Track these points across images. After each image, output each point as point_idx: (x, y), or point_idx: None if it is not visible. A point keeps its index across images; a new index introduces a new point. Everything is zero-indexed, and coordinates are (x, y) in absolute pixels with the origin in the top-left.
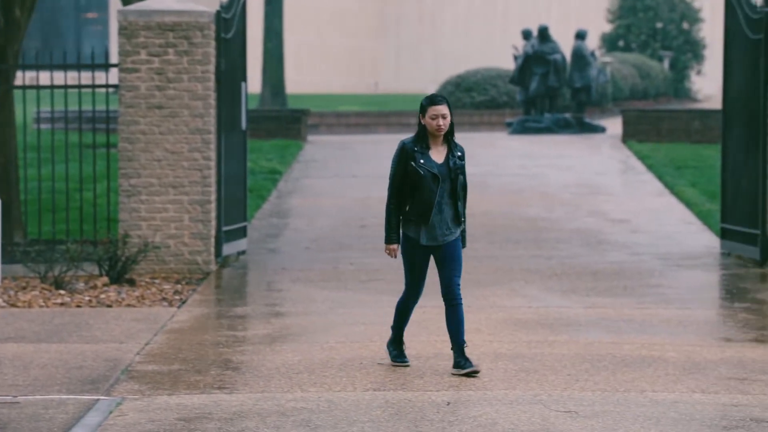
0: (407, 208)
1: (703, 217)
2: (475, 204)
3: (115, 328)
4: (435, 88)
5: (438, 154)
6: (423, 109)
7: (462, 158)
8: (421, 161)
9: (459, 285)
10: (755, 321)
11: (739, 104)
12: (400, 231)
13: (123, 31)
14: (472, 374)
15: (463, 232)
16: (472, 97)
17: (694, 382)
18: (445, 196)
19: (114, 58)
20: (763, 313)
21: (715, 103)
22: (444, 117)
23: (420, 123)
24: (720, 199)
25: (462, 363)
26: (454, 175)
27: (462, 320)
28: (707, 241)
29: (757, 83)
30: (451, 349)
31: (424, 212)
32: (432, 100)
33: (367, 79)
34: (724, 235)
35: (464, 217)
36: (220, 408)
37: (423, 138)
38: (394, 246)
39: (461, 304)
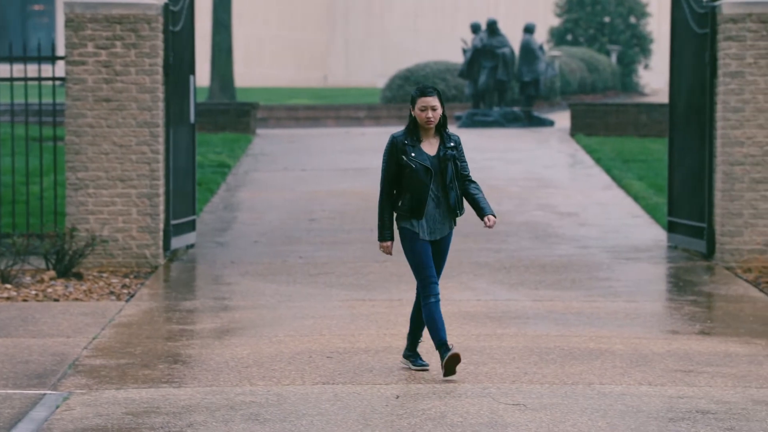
0: (400, 203)
1: (650, 210)
2: None
3: (63, 323)
4: (384, 82)
5: (430, 147)
6: (413, 101)
7: (455, 148)
8: (412, 154)
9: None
10: (701, 314)
11: (685, 98)
12: (397, 226)
13: (70, 23)
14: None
15: (485, 201)
16: None
17: (641, 375)
18: (440, 189)
19: (61, 51)
20: (709, 306)
21: (662, 97)
22: (434, 109)
23: (411, 115)
24: (667, 192)
25: (411, 357)
26: (446, 165)
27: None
28: (654, 234)
29: (703, 77)
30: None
31: (418, 207)
32: (422, 92)
33: (316, 72)
34: (671, 228)
35: (479, 188)
36: (168, 402)
37: (414, 130)
38: (388, 243)
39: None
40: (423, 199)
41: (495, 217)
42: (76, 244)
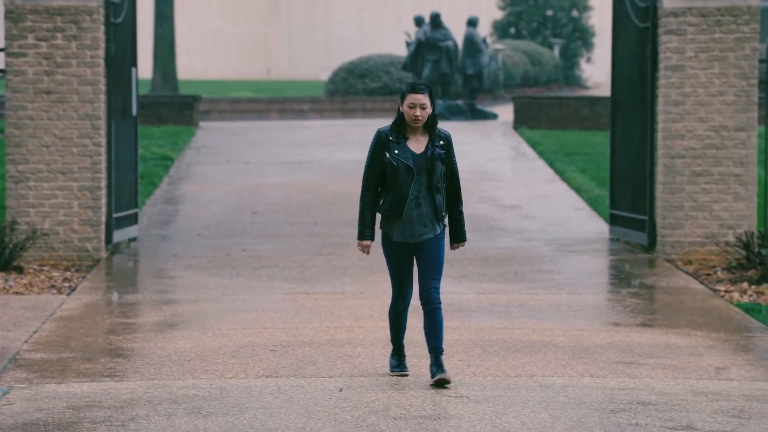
0: (381, 202)
1: (592, 203)
2: None
3: (2, 316)
4: (328, 75)
5: (417, 144)
6: (402, 96)
7: (444, 146)
8: (396, 152)
9: (437, 289)
10: (643, 306)
11: (627, 92)
12: (378, 227)
13: (9, 14)
14: (442, 383)
15: (460, 224)
16: (365, 84)
17: (583, 367)
18: (423, 190)
19: (0, 42)
20: (650, 298)
21: (605, 90)
22: (423, 107)
23: (399, 110)
24: (609, 185)
25: (433, 370)
26: (432, 165)
27: (439, 325)
28: (596, 226)
29: (645, 71)
30: (429, 352)
31: (397, 207)
32: (412, 88)
33: (260, 65)
34: (613, 220)
35: (461, 207)
36: (110, 396)
37: (400, 126)
38: (367, 242)
39: (439, 308)
40: (403, 200)
41: (463, 243)
42: (16, 237)
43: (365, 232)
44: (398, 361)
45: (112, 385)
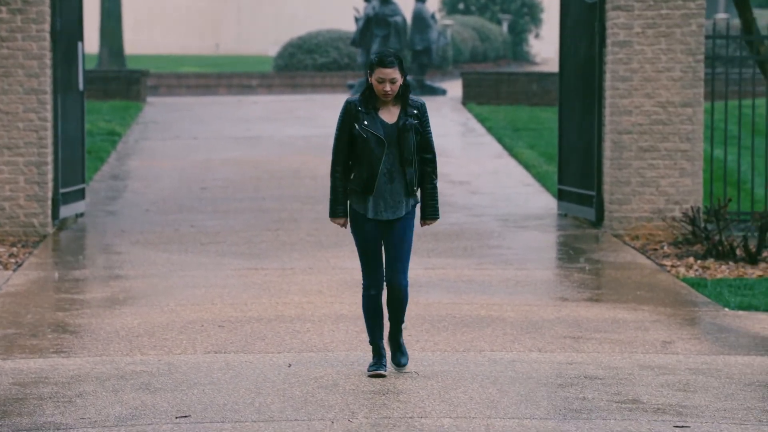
0: (352, 177)
1: (540, 178)
2: (317, 165)
3: None
4: (276, 50)
5: (388, 114)
6: (370, 68)
7: (418, 116)
8: (365, 123)
9: (405, 272)
10: (590, 281)
11: (575, 68)
12: (349, 203)
13: None
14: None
15: (433, 199)
16: (314, 59)
17: (531, 341)
18: (396, 163)
19: None
20: (597, 273)
21: (553, 66)
22: (393, 82)
23: (367, 80)
24: (557, 160)
25: (395, 359)
26: (404, 137)
27: (404, 306)
28: (545, 202)
29: (593, 47)
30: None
31: (368, 182)
32: (380, 60)
33: (208, 40)
34: (561, 196)
35: (435, 182)
36: (57, 372)
37: (369, 97)
38: (341, 219)
39: (406, 293)
40: (374, 174)
41: (434, 220)
42: None
43: (338, 209)
44: (374, 359)
45: (59, 361)
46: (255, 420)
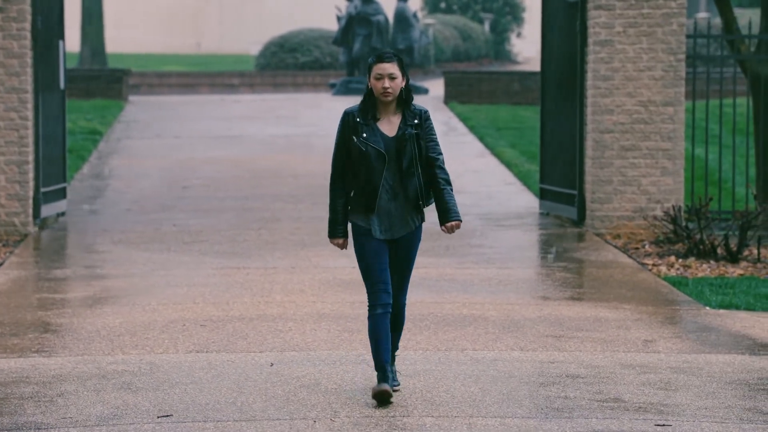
0: (353, 194)
1: (522, 177)
2: (299, 164)
3: None
4: (258, 49)
5: (389, 126)
6: (369, 69)
7: (419, 125)
8: (364, 135)
9: (406, 291)
10: (572, 280)
11: (556, 67)
12: (350, 220)
13: None
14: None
15: (451, 201)
16: (295, 58)
17: (513, 340)
18: (397, 178)
19: None
20: (579, 272)
21: (535, 65)
22: (392, 77)
23: (367, 87)
24: (539, 159)
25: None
26: (403, 147)
27: (401, 328)
28: (527, 201)
29: (574, 46)
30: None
31: (370, 198)
32: (378, 57)
33: (190, 39)
34: (542, 195)
35: (448, 184)
36: (38, 372)
37: (369, 105)
38: (340, 240)
39: (404, 312)
40: (376, 189)
41: (459, 222)
42: None
43: (337, 229)
44: (382, 376)
45: (40, 360)
46: (237, 419)
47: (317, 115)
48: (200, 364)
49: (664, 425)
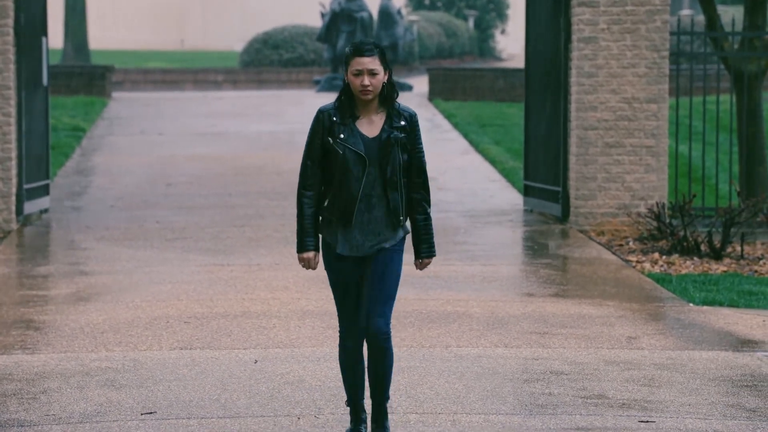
0: (326, 203)
1: (506, 174)
2: (282, 161)
3: None
4: (242, 46)
5: (370, 126)
6: (346, 61)
7: (406, 128)
8: (341, 136)
9: (387, 318)
10: (556, 276)
11: (541, 64)
12: (320, 235)
13: None
14: None
15: (427, 232)
16: (279, 55)
17: (497, 337)
18: (377, 186)
19: None
20: (563, 268)
21: (519, 62)
22: (373, 74)
23: (344, 81)
24: (523, 156)
25: (373, 428)
26: (388, 152)
27: (388, 367)
28: (511, 198)
29: (558, 43)
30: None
31: (347, 209)
32: (356, 49)
33: (173, 35)
34: (527, 192)
35: (428, 210)
36: (21, 368)
37: (347, 103)
38: (308, 254)
39: (389, 344)
40: (352, 200)
41: (430, 259)
42: None
43: (306, 242)
44: (354, 426)
45: (23, 357)
46: (221, 416)
47: (301, 112)
48: (184, 361)
49: (647, 421)
